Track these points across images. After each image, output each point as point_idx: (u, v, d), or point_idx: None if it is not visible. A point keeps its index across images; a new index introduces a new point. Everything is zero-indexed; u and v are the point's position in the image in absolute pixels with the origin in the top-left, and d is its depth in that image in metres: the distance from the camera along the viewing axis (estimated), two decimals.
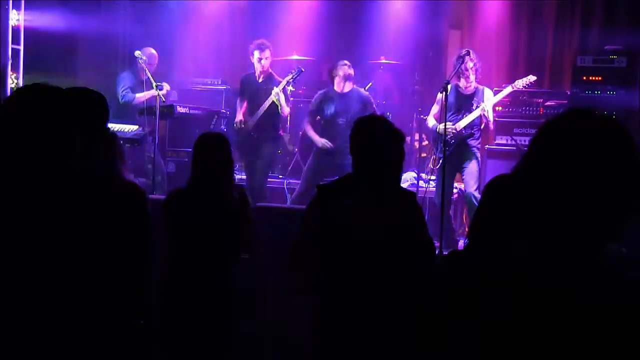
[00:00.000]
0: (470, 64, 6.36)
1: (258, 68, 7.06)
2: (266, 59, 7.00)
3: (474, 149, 6.52)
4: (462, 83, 6.48)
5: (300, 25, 8.78)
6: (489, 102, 6.40)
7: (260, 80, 7.11)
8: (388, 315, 2.67)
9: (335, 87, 6.85)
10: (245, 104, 7.20)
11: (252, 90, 7.12)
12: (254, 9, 9.09)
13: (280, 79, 7.04)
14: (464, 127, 6.40)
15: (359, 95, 6.87)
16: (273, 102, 6.93)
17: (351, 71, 6.83)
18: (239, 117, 7.17)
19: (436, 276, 2.61)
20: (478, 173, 6.51)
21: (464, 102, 6.47)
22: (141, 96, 7.27)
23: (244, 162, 7.24)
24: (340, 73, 6.78)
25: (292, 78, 7.04)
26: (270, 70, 7.11)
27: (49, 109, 1.93)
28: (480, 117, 6.43)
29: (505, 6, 8.65)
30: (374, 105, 6.90)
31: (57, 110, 1.94)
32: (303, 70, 7.18)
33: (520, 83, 6.60)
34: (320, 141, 6.82)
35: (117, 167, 3.41)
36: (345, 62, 6.86)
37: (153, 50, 7.62)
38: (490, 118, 6.43)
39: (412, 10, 8.76)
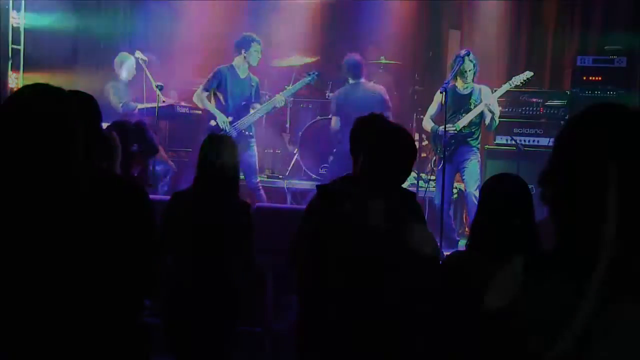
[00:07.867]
0: (470, 64, 6.37)
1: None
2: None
3: (474, 148, 6.52)
4: (459, 83, 6.48)
5: (300, 25, 8.77)
6: (488, 99, 6.40)
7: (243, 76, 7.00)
8: (388, 316, 2.66)
9: None
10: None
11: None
12: (254, 9, 9.08)
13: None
14: (463, 127, 6.40)
15: None
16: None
17: None
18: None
19: (438, 277, 2.62)
20: (478, 173, 6.51)
21: (461, 102, 6.48)
22: (143, 107, 7.29)
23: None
24: None
25: (309, 81, 7.15)
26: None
27: (50, 110, 1.93)
28: (481, 115, 6.42)
29: (505, 6, 8.65)
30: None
31: (58, 110, 1.94)
32: (318, 73, 7.27)
33: (517, 79, 6.59)
34: None
35: (116, 166, 3.41)
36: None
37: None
38: (496, 112, 6.42)
39: (412, 10, 8.76)
